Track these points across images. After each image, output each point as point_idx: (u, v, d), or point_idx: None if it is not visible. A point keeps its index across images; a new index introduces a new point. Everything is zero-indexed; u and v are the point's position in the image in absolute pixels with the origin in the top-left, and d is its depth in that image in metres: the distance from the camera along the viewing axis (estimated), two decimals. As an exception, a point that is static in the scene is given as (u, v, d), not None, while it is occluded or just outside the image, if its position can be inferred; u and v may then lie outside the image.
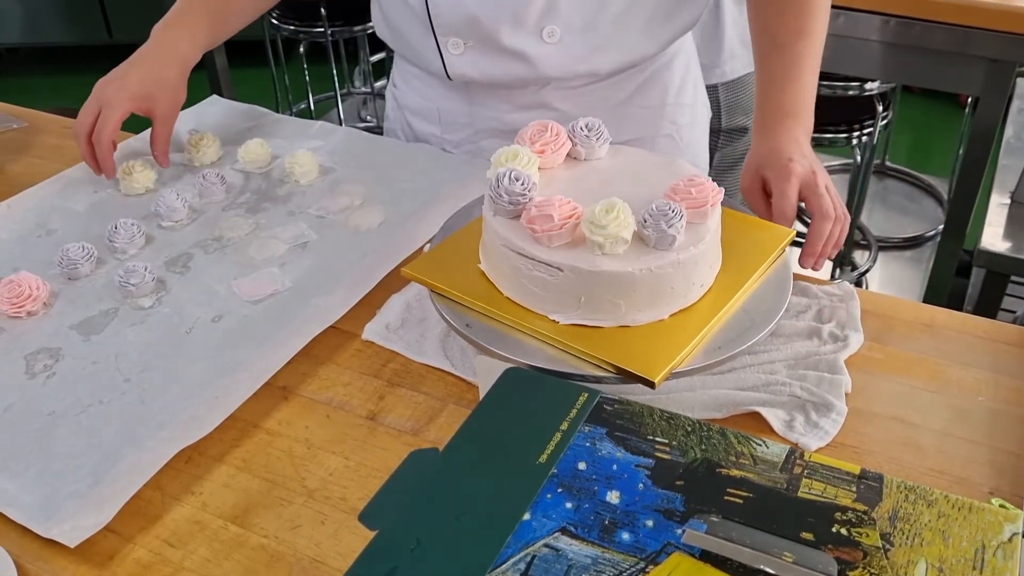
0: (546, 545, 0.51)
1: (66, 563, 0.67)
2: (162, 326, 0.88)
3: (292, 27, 2.70)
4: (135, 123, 0.99)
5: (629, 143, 1.09)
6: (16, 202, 1.08)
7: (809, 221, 0.89)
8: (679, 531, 0.52)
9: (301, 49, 2.86)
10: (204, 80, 2.76)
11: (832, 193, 0.90)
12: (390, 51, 1.21)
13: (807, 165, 0.90)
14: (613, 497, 0.54)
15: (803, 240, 0.89)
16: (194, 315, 0.89)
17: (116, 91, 1.05)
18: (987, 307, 1.64)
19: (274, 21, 2.71)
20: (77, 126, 1.05)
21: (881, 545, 0.51)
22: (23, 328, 0.88)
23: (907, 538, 0.51)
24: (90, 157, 1.07)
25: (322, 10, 2.62)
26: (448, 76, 1.04)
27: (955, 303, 2.00)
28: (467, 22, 0.99)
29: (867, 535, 0.51)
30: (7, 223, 1.05)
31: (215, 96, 1.32)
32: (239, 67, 2.77)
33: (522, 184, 0.74)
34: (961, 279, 2.03)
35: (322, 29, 2.66)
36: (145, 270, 0.91)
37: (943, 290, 1.99)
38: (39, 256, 0.99)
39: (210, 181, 1.07)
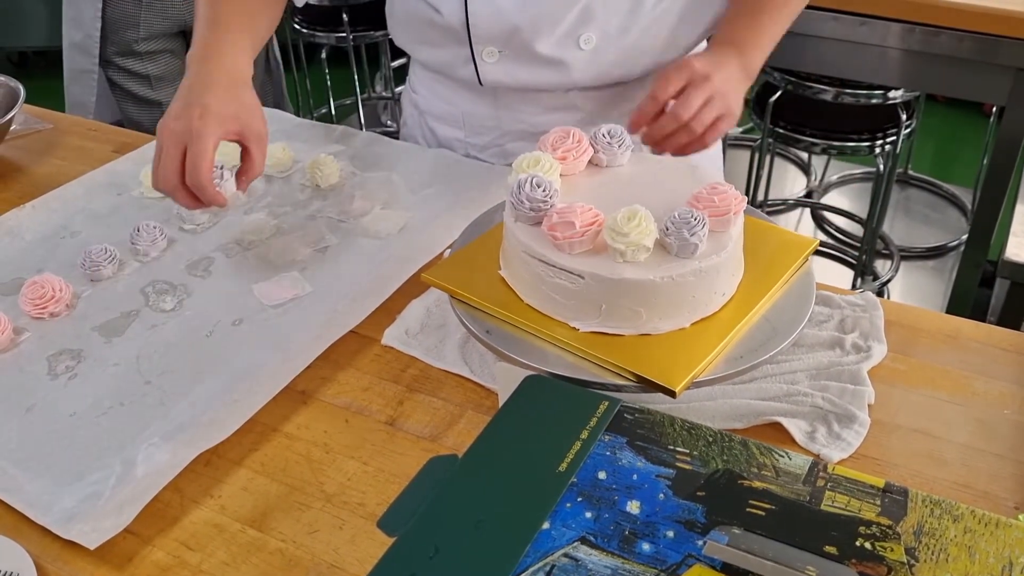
0: (565, 555, 0.51)
1: (85, 564, 0.67)
2: (183, 329, 0.88)
3: (314, 32, 2.72)
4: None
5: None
6: (40, 203, 1.09)
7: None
8: (700, 543, 0.51)
9: (323, 54, 2.87)
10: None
11: (707, 106, 0.91)
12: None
13: (708, 70, 0.91)
14: (633, 507, 0.54)
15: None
16: (215, 318, 0.89)
17: (200, 118, 0.85)
18: (1011, 318, 1.62)
19: (296, 26, 2.73)
20: (164, 180, 0.86)
21: (906, 560, 0.50)
22: (46, 329, 0.89)
23: (932, 554, 0.50)
24: (192, 202, 0.88)
25: (344, 15, 2.63)
26: (480, 83, 1.05)
27: (978, 314, 1.98)
28: (507, 32, 0.99)
29: (892, 550, 0.50)
30: (31, 224, 1.05)
31: (238, 100, 1.32)
32: (261, 71, 2.78)
33: (544, 191, 0.74)
34: (984, 290, 2.01)
35: (344, 34, 2.67)
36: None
37: (966, 301, 1.97)
38: (62, 258, 0.99)
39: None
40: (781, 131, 2.18)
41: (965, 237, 2.18)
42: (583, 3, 0.97)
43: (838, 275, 2.46)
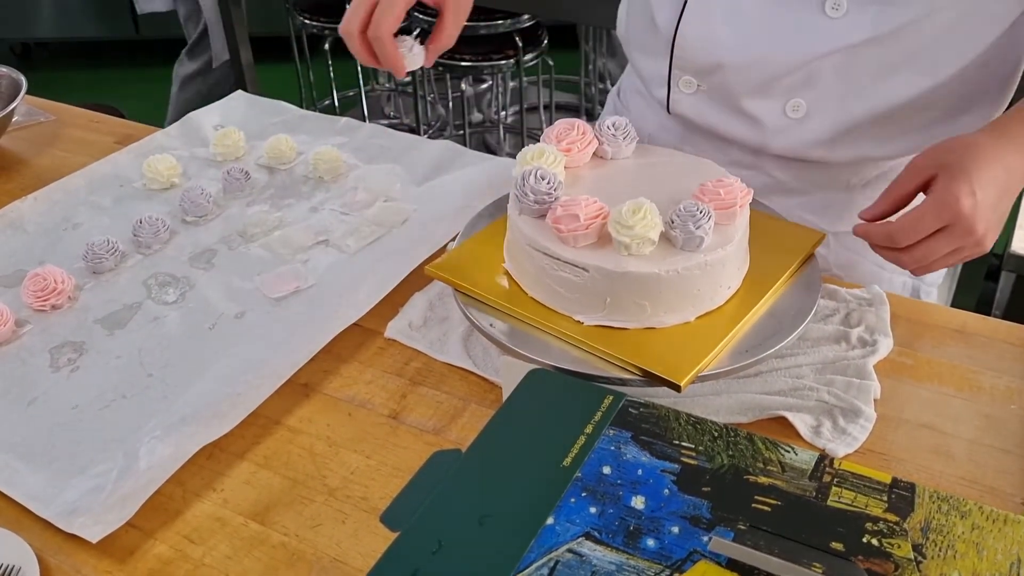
0: (569, 550, 0.51)
1: (87, 557, 0.67)
2: (186, 321, 0.88)
3: (317, 23, 2.71)
4: (159, 117, 0.99)
5: (848, 235, 0.90)
6: (43, 195, 1.08)
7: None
8: (705, 538, 0.51)
9: (326, 45, 2.86)
10: (230, 76, 2.77)
11: (951, 255, 0.75)
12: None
13: (977, 217, 0.72)
14: (638, 502, 0.53)
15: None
16: (218, 311, 0.89)
17: None
18: (1016, 312, 1.62)
19: (300, 17, 2.72)
20: (346, 24, 0.86)
21: (913, 557, 0.49)
22: (48, 321, 0.89)
23: (940, 550, 0.50)
24: (368, 56, 0.88)
25: (347, 6, 2.62)
26: (668, 110, 0.97)
27: (983, 308, 1.97)
28: (709, 66, 0.90)
29: (899, 546, 0.50)
30: (33, 216, 1.05)
31: (240, 92, 1.32)
32: (264, 63, 2.78)
33: (548, 183, 0.74)
34: (989, 283, 2.00)
35: (347, 25, 2.66)
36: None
37: (971, 294, 1.96)
38: (65, 250, 0.99)
39: (234, 176, 1.07)
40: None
41: (970, 230, 2.16)
42: (811, 66, 0.85)
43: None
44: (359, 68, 2.89)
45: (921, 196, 0.77)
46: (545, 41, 2.56)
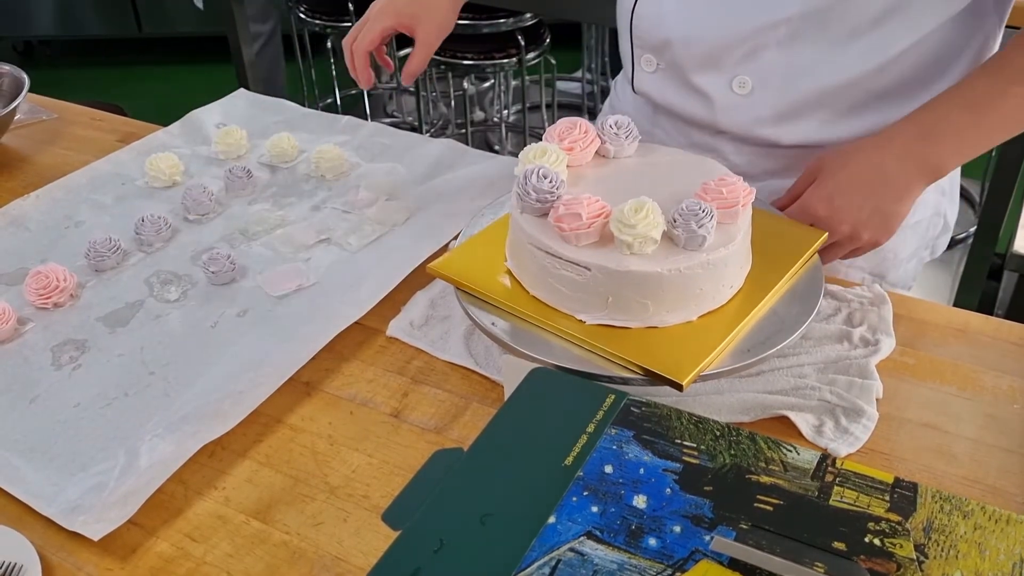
0: (571, 549, 0.51)
1: (89, 555, 0.67)
2: (187, 320, 0.88)
3: (320, 22, 2.71)
4: (161, 115, 0.99)
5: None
6: (45, 193, 1.08)
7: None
8: (707, 538, 0.51)
9: (328, 44, 2.86)
10: (232, 73, 2.77)
11: (839, 250, 0.85)
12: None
13: (836, 219, 0.82)
14: (640, 502, 0.53)
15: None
16: (219, 309, 0.89)
17: (382, 7, 1.02)
18: (1019, 311, 1.62)
19: (302, 16, 2.72)
20: (347, 37, 1.04)
21: (915, 557, 0.49)
22: (50, 319, 0.89)
23: (942, 550, 0.50)
24: (350, 63, 1.04)
25: (350, 5, 2.62)
26: (634, 89, 1.01)
27: (985, 307, 1.97)
28: (662, 44, 0.93)
29: (901, 546, 0.50)
30: (36, 214, 1.05)
31: (243, 90, 1.32)
32: (266, 61, 2.77)
33: (550, 182, 0.74)
34: (992, 283, 2.00)
35: (349, 24, 2.66)
36: (228, 259, 0.92)
37: (974, 294, 1.96)
38: (67, 248, 0.99)
39: (236, 175, 1.07)
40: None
41: (973, 230, 2.16)
42: (754, 40, 0.88)
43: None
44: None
45: None
46: (547, 40, 2.56)
